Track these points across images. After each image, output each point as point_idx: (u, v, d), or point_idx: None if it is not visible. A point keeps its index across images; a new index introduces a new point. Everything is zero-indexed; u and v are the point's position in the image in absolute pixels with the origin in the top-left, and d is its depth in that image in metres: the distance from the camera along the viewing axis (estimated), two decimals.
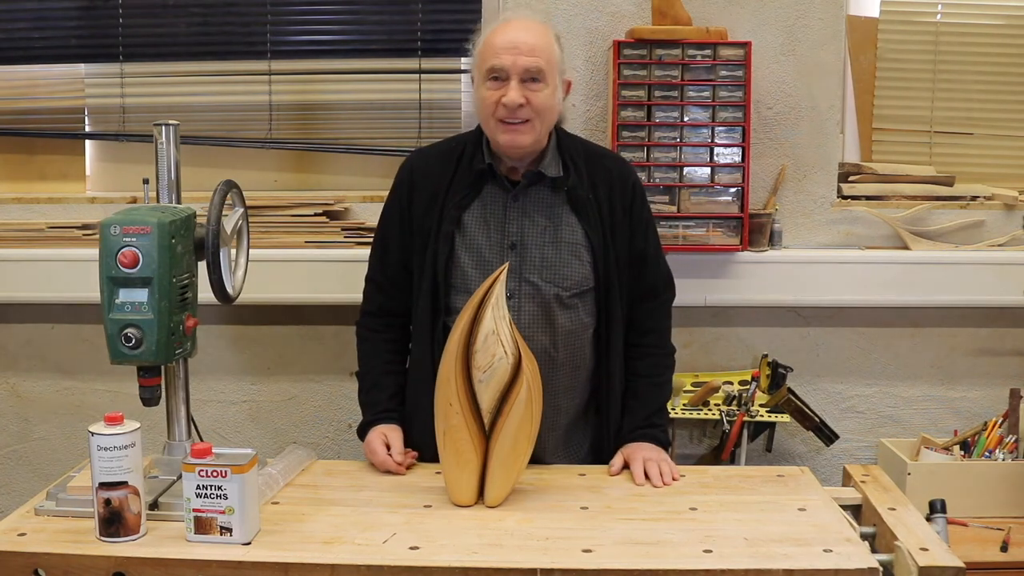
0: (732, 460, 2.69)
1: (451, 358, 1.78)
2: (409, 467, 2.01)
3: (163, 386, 1.82)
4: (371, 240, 2.77)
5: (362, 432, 2.10)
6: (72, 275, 2.76)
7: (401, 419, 2.10)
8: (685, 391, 2.78)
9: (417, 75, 2.94)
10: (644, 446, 2.04)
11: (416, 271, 2.08)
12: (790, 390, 2.68)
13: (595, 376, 2.12)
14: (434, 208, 2.05)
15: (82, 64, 2.99)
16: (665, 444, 2.09)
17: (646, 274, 2.13)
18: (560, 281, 2.03)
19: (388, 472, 1.98)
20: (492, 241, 2.03)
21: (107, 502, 1.60)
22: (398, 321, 2.16)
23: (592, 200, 2.05)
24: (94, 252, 1.73)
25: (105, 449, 1.59)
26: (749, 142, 2.71)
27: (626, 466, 2.00)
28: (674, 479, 1.95)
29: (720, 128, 2.71)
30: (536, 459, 1.94)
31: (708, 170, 2.73)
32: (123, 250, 1.69)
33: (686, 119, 2.71)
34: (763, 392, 2.78)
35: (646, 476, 1.95)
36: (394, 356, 2.17)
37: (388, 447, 2.01)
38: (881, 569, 1.56)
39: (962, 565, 1.55)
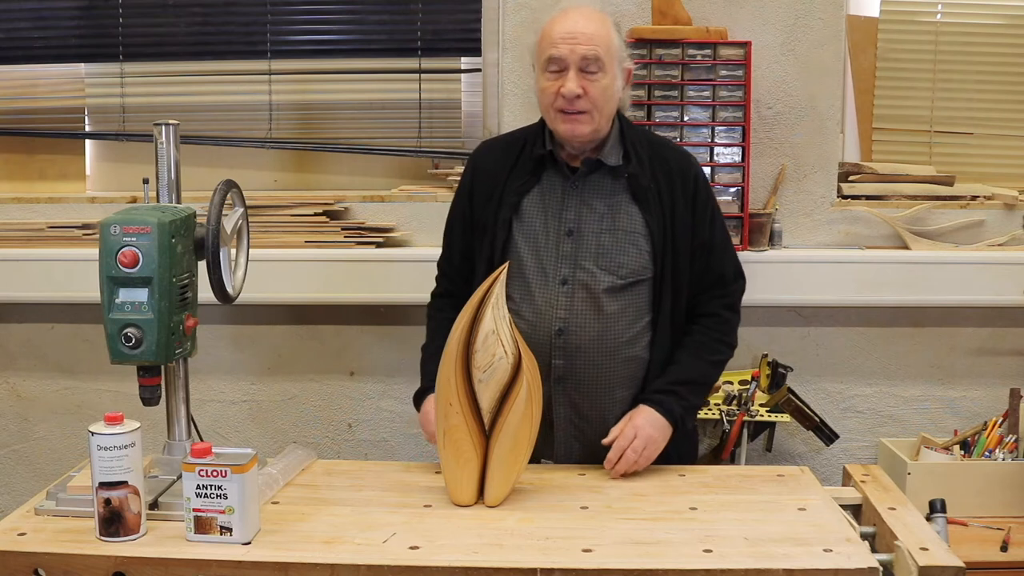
0: (732, 460, 2.69)
1: (451, 358, 1.78)
2: None
3: (163, 386, 1.82)
4: (372, 240, 2.81)
5: (417, 399, 2.09)
6: (72, 275, 2.76)
7: None
8: None
9: (417, 75, 2.94)
10: (648, 417, 1.97)
11: (477, 257, 2.09)
12: (790, 390, 2.68)
13: (650, 369, 2.06)
14: (495, 196, 2.06)
15: (82, 64, 3.00)
16: (676, 418, 2.00)
17: (713, 264, 2.10)
18: (616, 269, 2.01)
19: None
20: (549, 228, 2.03)
21: (107, 502, 1.60)
22: (463, 303, 2.15)
23: (653, 189, 2.04)
24: (94, 252, 1.73)
25: (105, 449, 1.59)
26: (749, 142, 2.71)
27: None
28: (635, 471, 1.93)
29: (720, 128, 2.71)
30: (595, 450, 1.95)
31: (708, 170, 2.73)
32: (123, 250, 1.69)
33: (686, 119, 2.71)
34: (763, 392, 2.78)
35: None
36: None
37: None
38: (881, 569, 1.56)
39: (962, 565, 1.55)
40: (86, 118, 3.03)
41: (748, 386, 2.75)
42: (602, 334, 2.01)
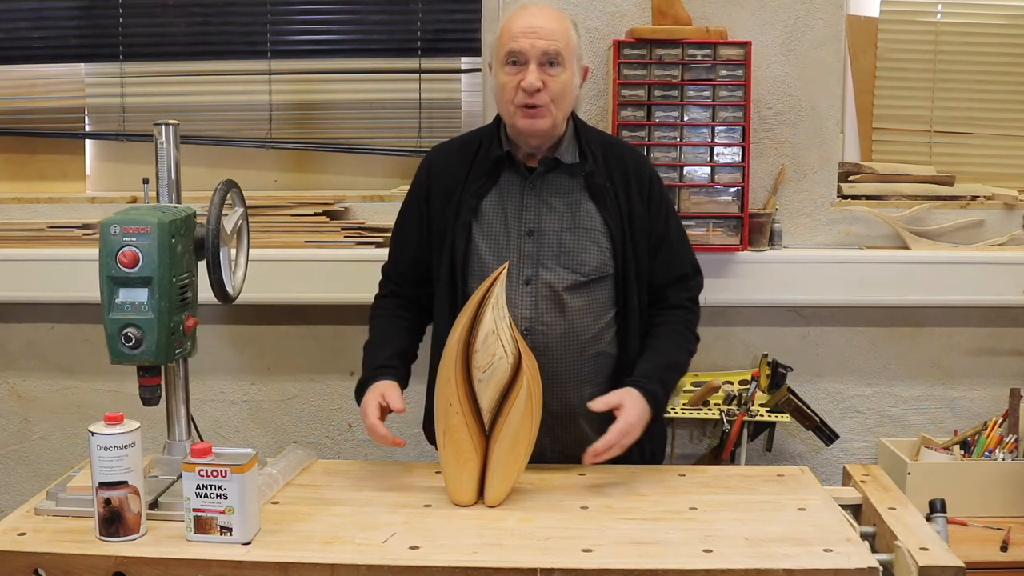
0: (732, 460, 2.69)
1: (451, 358, 1.79)
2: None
3: (163, 386, 1.82)
4: (372, 240, 2.81)
5: (358, 394, 2.02)
6: (72, 275, 2.76)
7: (402, 376, 2.03)
8: (685, 391, 2.78)
9: (417, 75, 2.94)
10: (639, 411, 1.92)
11: (435, 262, 2.08)
12: (790, 390, 2.68)
13: (618, 364, 2.08)
14: (452, 199, 2.06)
15: (82, 64, 2.99)
16: (659, 408, 2.00)
17: (672, 261, 2.13)
18: (578, 267, 2.02)
19: (380, 440, 1.88)
20: (509, 228, 2.03)
21: (107, 502, 1.60)
22: (411, 303, 2.16)
23: (610, 187, 2.06)
24: (94, 252, 1.73)
25: (105, 449, 1.59)
26: (749, 142, 2.71)
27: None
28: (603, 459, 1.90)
29: (720, 128, 2.71)
30: (564, 447, 1.94)
31: (708, 170, 2.73)
32: (123, 250, 1.69)
33: (686, 119, 2.71)
34: (763, 392, 2.78)
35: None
36: (401, 329, 2.13)
37: (384, 409, 1.93)
38: (881, 569, 1.56)
39: (962, 565, 1.55)
40: (86, 118, 3.02)
41: (748, 386, 2.75)
42: (568, 331, 2.02)
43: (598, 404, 1.91)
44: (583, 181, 2.05)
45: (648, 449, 2.11)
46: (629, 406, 1.92)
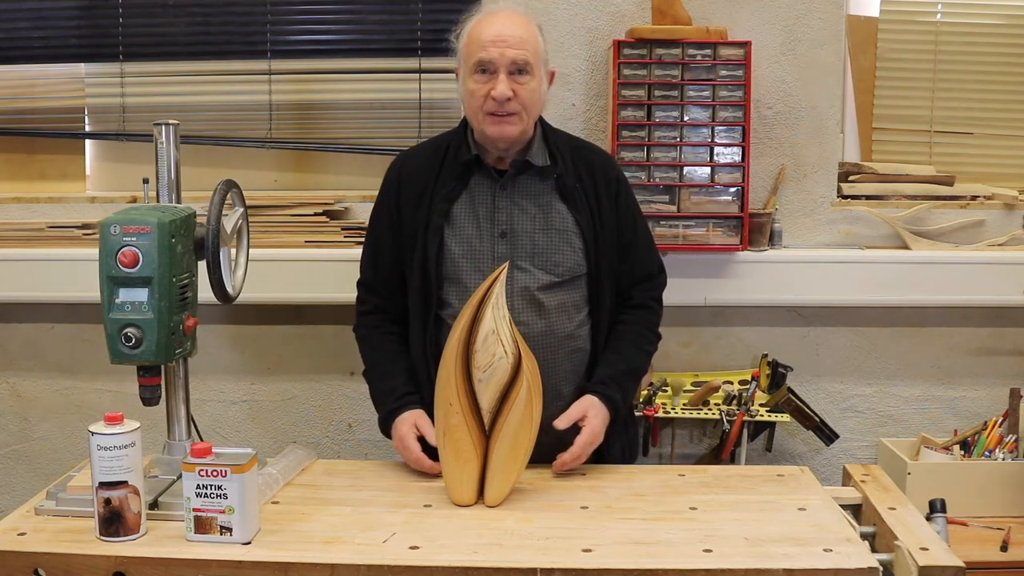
0: (732, 460, 2.69)
1: (451, 358, 1.78)
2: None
3: (163, 386, 1.82)
4: None
5: (385, 425, 2.04)
6: (72, 275, 2.76)
7: (421, 400, 2.03)
8: (685, 391, 2.78)
9: (417, 75, 2.94)
10: (603, 419, 1.99)
11: (407, 267, 2.08)
12: (790, 390, 2.68)
13: (591, 360, 2.10)
14: (423, 204, 2.06)
15: (82, 64, 2.99)
16: (618, 414, 2.05)
17: (640, 261, 2.15)
18: (552, 268, 2.04)
19: (427, 471, 1.93)
20: (482, 231, 2.04)
21: (107, 502, 1.60)
22: (396, 317, 2.15)
23: (579, 189, 2.07)
24: (94, 252, 1.73)
25: (105, 449, 1.59)
26: (749, 142, 2.71)
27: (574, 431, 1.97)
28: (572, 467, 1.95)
29: (720, 128, 2.71)
30: (542, 450, 1.94)
31: (708, 170, 2.73)
32: (123, 250, 1.69)
33: (686, 119, 2.71)
34: (763, 392, 2.78)
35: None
36: (399, 346, 2.12)
37: (421, 438, 1.96)
38: (881, 569, 1.56)
39: (962, 565, 1.55)
40: (86, 118, 3.02)
41: (748, 386, 2.75)
42: (546, 330, 2.03)
43: (562, 422, 1.96)
44: (554, 183, 2.06)
45: (626, 448, 2.17)
46: (592, 415, 1.98)
